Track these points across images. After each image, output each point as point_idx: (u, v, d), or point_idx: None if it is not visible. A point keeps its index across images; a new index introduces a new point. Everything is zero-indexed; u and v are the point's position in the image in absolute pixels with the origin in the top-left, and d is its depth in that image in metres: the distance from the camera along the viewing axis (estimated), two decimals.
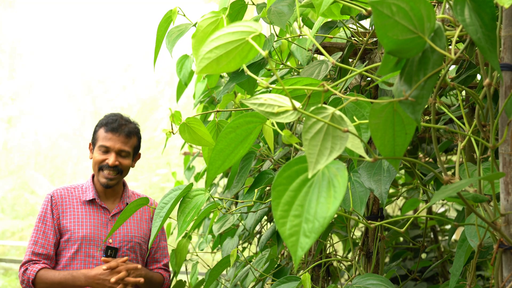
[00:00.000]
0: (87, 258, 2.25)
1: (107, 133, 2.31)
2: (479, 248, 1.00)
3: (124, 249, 2.30)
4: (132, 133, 2.34)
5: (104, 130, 2.33)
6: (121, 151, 2.31)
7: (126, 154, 2.32)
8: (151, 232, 1.40)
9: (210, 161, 1.07)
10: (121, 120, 2.34)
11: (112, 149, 2.30)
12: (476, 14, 0.79)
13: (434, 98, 0.88)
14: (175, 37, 1.55)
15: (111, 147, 2.30)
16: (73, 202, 2.33)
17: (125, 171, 2.35)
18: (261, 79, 0.82)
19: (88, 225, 2.29)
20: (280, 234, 0.73)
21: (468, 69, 1.33)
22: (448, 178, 0.86)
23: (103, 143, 2.31)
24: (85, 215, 2.31)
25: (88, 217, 2.31)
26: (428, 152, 2.34)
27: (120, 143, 2.30)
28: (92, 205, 2.34)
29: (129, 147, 2.33)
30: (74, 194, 2.35)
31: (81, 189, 2.37)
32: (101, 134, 2.33)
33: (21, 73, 6.86)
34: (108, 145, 2.30)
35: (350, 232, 1.55)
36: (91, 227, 2.29)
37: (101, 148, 2.31)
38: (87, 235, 2.26)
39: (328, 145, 0.76)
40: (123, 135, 2.31)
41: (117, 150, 2.30)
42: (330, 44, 1.52)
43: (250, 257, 2.17)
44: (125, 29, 6.89)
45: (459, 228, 2.47)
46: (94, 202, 2.35)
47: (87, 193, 2.35)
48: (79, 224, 2.28)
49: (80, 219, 2.30)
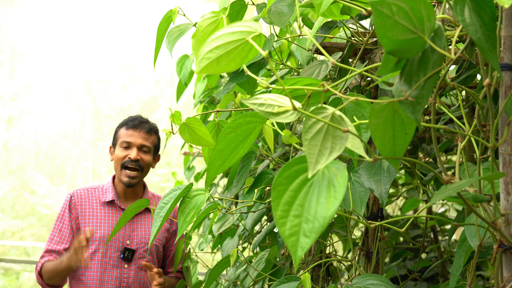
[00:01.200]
0: (104, 259, 2.27)
1: (128, 130, 2.36)
2: (479, 248, 1.00)
3: (141, 251, 2.31)
4: (153, 130, 2.40)
5: (125, 128, 2.37)
6: (143, 146, 2.35)
7: (148, 149, 2.36)
8: (151, 232, 1.40)
9: (210, 161, 1.07)
10: (141, 118, 2.41)
11: (133, 144, 2.33)
12: (476, 14, 0.79)
13: (434, 98, 0.87)
14: (175, 37, 1.55)
15: (132, 142, 2.33)
16: (93, 203, 2.34)
17: (145, 169, 2.37)
18: (261, 79, 0.82)
19: (106, 226, 2.30)
20: (280, 234, 0.73)
21: (468, 69, 1.33)
22: (448, 178, 0.86)
23: (125, 139, 2.34)
24: (104, 216, 2.32)
25: (107, 218, 2.32)
26: (428, 152, 2.34)
27: (141, 138, 2.35)
28: (111, 207, 2.36)
29: (150, 143, 2.37)
30: (94, 195, 2.37)
31: (101, 190, 2.39)
32: (122, 132, 2.37)
33: (21, 73, 6.85)
34: (130, 140, 2.33)
35: (350, 232, 1.54)
36: (109, 228, 2.30)
37: (122, 144, 2.34)
38: (105, 236, 2.27)
39: (328, 145, 0.76)
40: (144, 131, 2.36)
41: (139, 145, 2.34)
42: (330, 44, 1.52)
43: (250, 257, 2.17)
44: (125, 29, 6.89)
45: (459, 228, 2.47)
46: (113, 204, 2.36)
47: (107, 194, 2.36)
48: (98, 225, 2.30)
49: (99, 220, 2.31)
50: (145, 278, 2.31)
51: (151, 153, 2.37)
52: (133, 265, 2.29)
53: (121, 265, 2.27)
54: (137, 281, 2.29)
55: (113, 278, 2.25)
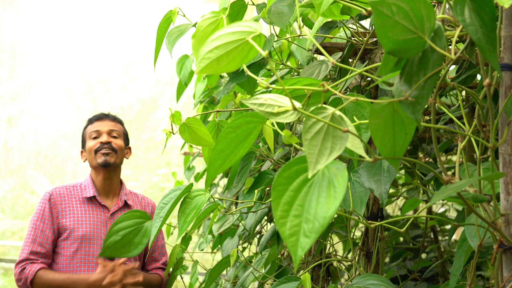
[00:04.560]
0: (87, 257, 2.25)
1: (93, 124, 2.40)
2: (479, 248, 1.00)
3: None
4: (117, 120, 2.45)
5: (89, 124, 2.42)
6: (111, 131, 2.38)
7: (117, 134, 2.39)
8: (151, 233, 1.40)
9: (210, 161, 1.07)
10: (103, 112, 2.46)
11: (102, 131, 2.37)
12: (476, 14, 0.79)
13: (434, 98, 0.87)
14: (175, 37, 1.55)
15: (100, 129, 2.37)
16: (72, 201, 2.32)
17: (119, 152, 2.37)
18: (261, 79, 0.82)
19: (88, 224, 2.28)
20: (280, 234, 0.73)
21: (468, 69, 1.33)
22: (448, 178, 0.86)
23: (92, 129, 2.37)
24: (84, 214, 2.30)
25: (88, 215, 2.31)
26: (428, 152, 2.34)
27: (107, 126, 2.39)
28: (92, 204, 2.34)
29: (118, 129, 2.41)
30: (73, 192, 2.35)
31: (80, 187, 2.37)
32: (88, 128, 2.41)
33: (21, 73, 6.85)
34: (98, 129, 2.37)
35: (350, 232, 1.54)
36: (91, 225, 2.29)
37: (91, 135, 2.37)
38: (87, 234, 2.26)
39: (328, 145, 0.76)
40: (109, 120, 2.42)
41: (108, 131, 2.37)
42: (330, 44, 1.52)
43: (250, 257, 2.17)
44: (125, 29, 6.89)
45: (459, 228, 2.47)
46: (93, 200, 2.35)
47: (87, 191, 2.35)
48: (79, 222, 2.28)
49: (80, 218, 2.29)
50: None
51: (122, 139, 2.40)
52: None
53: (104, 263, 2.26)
54: None
55: None
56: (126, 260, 2.25)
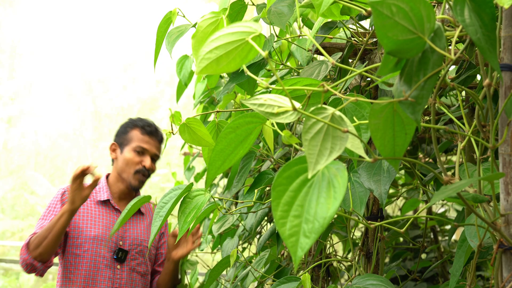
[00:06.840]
0: (96, 258, 2.24)
1: (144, 136, 2.33)
2: (479, 249, 1.00)
3: (133, 252, 2.30)
4: (162, 140, 2.40)
5: (140, 132, 2.34)
6: (155, 156, 2.36)
7: (157, 159, 2.38)
8: (151, 232, 1.39)
9: (210, 162, 1.07)
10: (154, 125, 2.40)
11: (149, 152, 2.32)
12: (476, 15, 0.79)
13: (434, 98, 0.87)
14: (174, 38, 1.54)
15: (148, 149, 2.32)
16: (86, 201, 2.30)
17: None
18: (261, 80, 0.82)
19: (100, 226, 2.28)
20: (280, 235, 0.73)
21: (468, 70, 1.33)
22: (448, 179, 0.86)
23: (141, 144, 2.31)
24: (97, 215, 2.30)
25: (101, 217, 2.30)
26: (428, 152, 2.34)
27: (155, 148, 2.35)
28: (105, 206, 2.34)
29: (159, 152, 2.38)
30: None
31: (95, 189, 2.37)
32: (137, 135, 2.33)
33: (21, 73, 6.85)
34: (146, 148, 2.32)
35: (350, 232, 1.54)
36: (103, 227, 2.28)
37: (137, 148, 2.32)
38: (98, 235, 2.25)
39: (328, 146, 0.76)
40: (157, 140, 2.37)
41: (152, 154, 2.34)
42: (330, 45, 1.52)
43: (250, 257, 2.17)
44: (125, 29, 6.89)
45: (459, 228, 2.47)
46: (107, 203, 2.34)
47: (101, 194, 2.34)
48: (91, 223, 2.27)
49: (92, 219, 2.29)
50: (137, 279, 2.29)
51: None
52: (125, 266, 2.27)
53: (114, 266, 2.25)
54: (129, 282, 2.27)
55: (105, 278, 2.23)
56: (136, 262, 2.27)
